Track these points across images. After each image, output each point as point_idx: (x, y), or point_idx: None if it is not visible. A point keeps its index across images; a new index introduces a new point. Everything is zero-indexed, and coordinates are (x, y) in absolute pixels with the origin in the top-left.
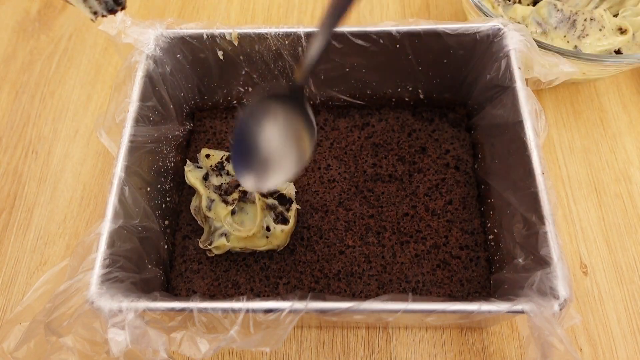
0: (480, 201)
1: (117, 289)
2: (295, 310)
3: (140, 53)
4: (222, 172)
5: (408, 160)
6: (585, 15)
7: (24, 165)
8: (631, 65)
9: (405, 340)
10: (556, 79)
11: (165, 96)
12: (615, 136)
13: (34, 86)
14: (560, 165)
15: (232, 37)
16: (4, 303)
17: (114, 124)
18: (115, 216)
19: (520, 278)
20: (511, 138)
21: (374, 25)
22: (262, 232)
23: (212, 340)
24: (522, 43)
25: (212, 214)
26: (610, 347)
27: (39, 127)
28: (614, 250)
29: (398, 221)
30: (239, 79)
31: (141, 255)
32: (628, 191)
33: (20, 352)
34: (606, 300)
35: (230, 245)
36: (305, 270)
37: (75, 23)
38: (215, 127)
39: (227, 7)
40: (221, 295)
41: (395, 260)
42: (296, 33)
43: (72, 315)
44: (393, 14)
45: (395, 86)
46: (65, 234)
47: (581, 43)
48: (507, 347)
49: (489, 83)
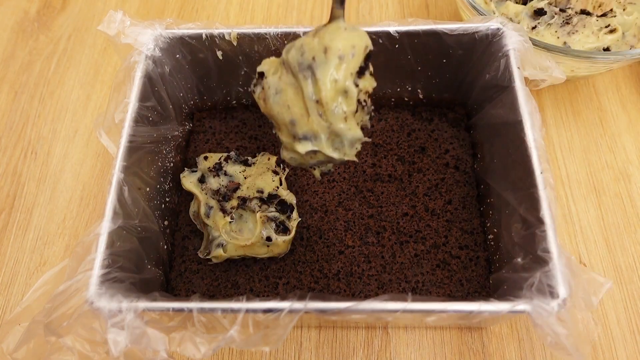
0: (479, 201)
1: (117, 289)
2: (295, 310)
3: (139, 53)
4: (220, 173)
5: (407, 160)
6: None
7: (23, 166)
8: (619, 62)
9: (404, 340)
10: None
11: (164, 96)
12: (615, 136)
13: (33, 86)
14: (560, 165)
15: (231, 37)
16: (3, 303)
17: (114, 124)
18: (114, 216)
19: (519, 278)
20: (510, 138)
21: (373, 25)
22: (262, 241)
23: (212, 340)
24: (520, 43)
25: (210, 222)
26: (610, 347)
27: (38, 128)
28: (614, 250)
29: (397, 221)
30: (238, 79)
31: (140, 255)
32: (627, 191)
33: (20, 352)
34: (606, 300)
35: (227, 256)
36: (304, 270)
37: (74, 23)
38: (215, 127)
39: (226, 7)
40: (221, 295)
41: (394, 260)
42: (295, 33)
43: (71, 316)
44: (392, 14)
45: (395, 86)
46: (65, 234)
47: (571, 39)
48: (507, 347)
49: (488, 83)
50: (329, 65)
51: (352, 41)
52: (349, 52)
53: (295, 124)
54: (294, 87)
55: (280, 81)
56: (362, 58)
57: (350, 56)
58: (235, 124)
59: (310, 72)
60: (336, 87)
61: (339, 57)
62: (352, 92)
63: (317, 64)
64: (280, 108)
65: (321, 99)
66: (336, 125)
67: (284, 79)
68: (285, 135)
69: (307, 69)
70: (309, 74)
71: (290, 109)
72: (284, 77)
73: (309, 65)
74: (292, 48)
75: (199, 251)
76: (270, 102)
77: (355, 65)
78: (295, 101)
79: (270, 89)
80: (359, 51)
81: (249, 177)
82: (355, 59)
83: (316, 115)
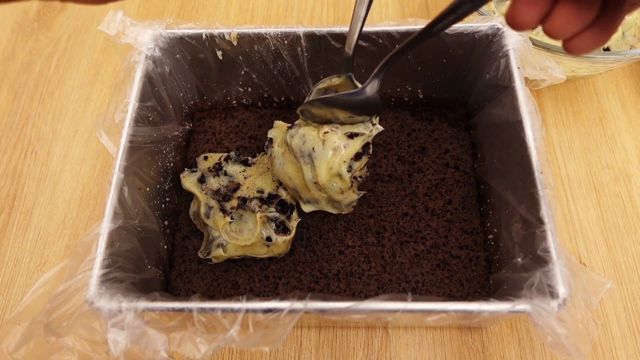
0: (479, 201)
1: (117, 289)
2: (295, 310)
3: (139, 53)
4: (220, 173)
5: (407, 160)
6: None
7: (23, 166)
8: (619, 62)
9: (404, 340)
10: (542, 82)
11: (164, 96)
12: (615, 136)
13: (33, 86)
14: (560, 165)
15: (231, 37)
16: (3, 303)
17: (113, 124)
18: (114, 216)
19: (519, 278)
20: (510, 138)
21: (373, 25)
22: (262, 241)
23: (212, 340)
24: (520, 43)
25: (210, 222)
26: (609, 347)
27: (38, 128)
28: (614, 250)
29: (397, 221)
30: (238, 79)
31: (141, 255)
32: (627, 191)
33: (20, 352)
34: (605, 300)
35: (227, 256)
36: (304, 270)
37: (74, 23)
38: (215, 127)
39: (226, 7)
40: (221, 295)
41: (394, 260)
42: (295, 33)
43: (71, 316)
44: (392, 14)
45: (395, 86)
46: (65, 234)
47: None
48: (507, 347)
49: (488, 83)
50: (325, 156)
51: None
52: (342, 145)
53: (298, 191)
54: (295, 166)
55: (283, 156)
56: (357, 148)
57: (343, 149)
58: (235, 124)
59: (310, 159)
60: (331, 173)
61: (334, 149)
62: (345, 176)
63: (316, 154)
64: (284, 177)
65: (318, 182)
66: (334, 197)
67: (287, 156)
68: (292, 193)
69: (307, 157)
70: (309, 161)
71: (292, 180)
72: (287, 154)
73: (309, 154)
74: (296, 135)
75: (199, 251)
76: (275, 168)
77: (350, 154)
78: (297, 176)
79: (276, 159)
80: (353, 143)
81: (249, 177)
82: (348, 149)
83: (316, 190)
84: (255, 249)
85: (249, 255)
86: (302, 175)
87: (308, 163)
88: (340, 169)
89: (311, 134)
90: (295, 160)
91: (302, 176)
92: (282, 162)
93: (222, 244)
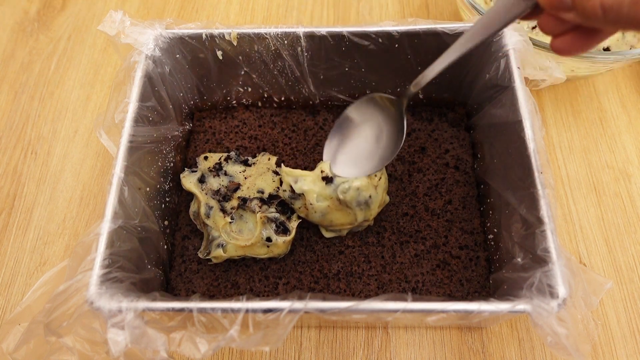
0: (479, 201)
1: (117, 289)
2: (295, 310)
3: (139, 53)
4: (220, 173)
5: (407, 160)
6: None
7: (23, 166)
8: (619, 62)
9: (404, 340)
10: (542, 82)
11: (164, 96)
12: (615, 136)
13: (33, 86)
14: (560, 165)
15: (231, 37)
16: (3, 303)
17: (114, 124)
18: (114, 216)
19: (519, 278)
20: (510, 137)
21: (373, 25)
22: (262, 242)
23: (212, 340)
24: (520, 43)
25: (210, 222)
26: (609, 347)
27: (38, 128)
28: (614, 250)
29: (397, 221)
30: (238, 79)
31: (141, 255)
32: (627, 191)
33: (20, 352)
34: (605, 300)
35: (227, 256)
36: (304, 270)
37: (74, 23)
38: (215, 127)
39: (226, 7)
40: (221, 295)
41: (394, 260)
42: (295, 33)
43: (71, 316)
44: (392, 14)
45: (395, 86)
46: (65, 234)
47: None
48: (507, 347)
49: (488, 82)
50: (379, 197)
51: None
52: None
53: (331, 226)
54: (343, 212)
55: (328, 208)
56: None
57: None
58: (235, 124)
59: (366, 205)
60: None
61: (384, 189)
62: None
63: (372, 200)
64: (320, 219)
65: (370, 216)
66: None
67: (332, 207)
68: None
69: (364, 204)
70: (365, 207)
71: (333, 221)
72: (333, 206)
73: (365, 201)
74: (350, 190)
75: (199, 251)
76: (313, 216)
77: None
78: (341, 218)
79: (317, 212)
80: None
81: (249, 177)
82: (383, 177)
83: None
84: (255, 249)
85: (249, 255)
86: (351, 219)
87: (364, 209)
88: (385, 197)
89: (365, 185)
90: (346, 209)
91: (350, 219)
92: (324, 212)
93: (222, 244)
